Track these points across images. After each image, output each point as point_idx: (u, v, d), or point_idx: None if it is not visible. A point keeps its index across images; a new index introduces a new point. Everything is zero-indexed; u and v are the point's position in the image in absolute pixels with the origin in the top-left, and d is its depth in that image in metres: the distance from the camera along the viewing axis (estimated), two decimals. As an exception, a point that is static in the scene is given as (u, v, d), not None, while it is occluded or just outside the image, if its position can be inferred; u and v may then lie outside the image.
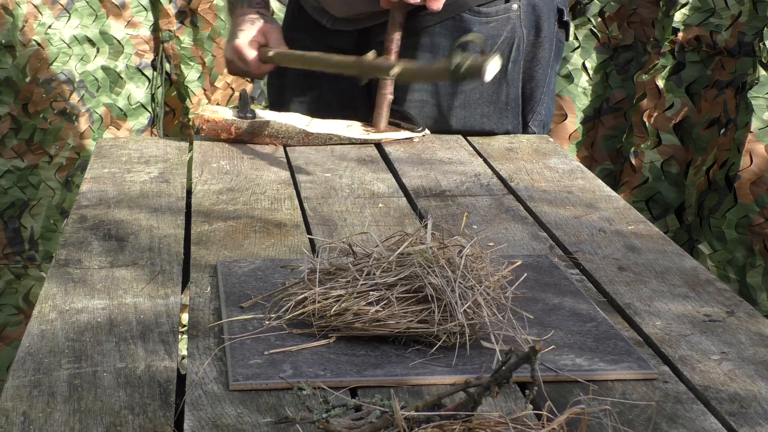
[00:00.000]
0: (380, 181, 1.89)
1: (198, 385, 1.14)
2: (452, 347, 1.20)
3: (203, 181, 1.86)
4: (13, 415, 1.08)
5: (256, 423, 1.07)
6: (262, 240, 1.58)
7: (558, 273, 1.45)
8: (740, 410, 1.12)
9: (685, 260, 1.53)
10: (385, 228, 1.63)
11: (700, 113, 2.97)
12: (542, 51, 2.17)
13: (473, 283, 1.22)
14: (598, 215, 1.72)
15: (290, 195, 1.80)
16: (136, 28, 3.11)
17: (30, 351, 1.22)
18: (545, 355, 1.20)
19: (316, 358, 1.19)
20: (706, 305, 1.38)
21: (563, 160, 2.03)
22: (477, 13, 2.12)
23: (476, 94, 2.16)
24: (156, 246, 1.55)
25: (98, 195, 1.78)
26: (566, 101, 3.16)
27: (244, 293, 1.35)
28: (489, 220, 1.69)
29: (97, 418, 1.08)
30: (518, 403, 1.12)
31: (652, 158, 3.00)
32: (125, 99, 3.12)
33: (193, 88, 3.13)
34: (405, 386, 1.15)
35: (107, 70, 3.09)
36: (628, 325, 1.33)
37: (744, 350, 1.25)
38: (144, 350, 1.22)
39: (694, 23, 2.96)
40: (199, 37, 3.11)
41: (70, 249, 1.53)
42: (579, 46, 3.14)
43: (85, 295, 1.37)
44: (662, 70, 2.99)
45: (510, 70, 2.15)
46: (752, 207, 2.76)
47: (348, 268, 1.26)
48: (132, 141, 2.17)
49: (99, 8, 3.07)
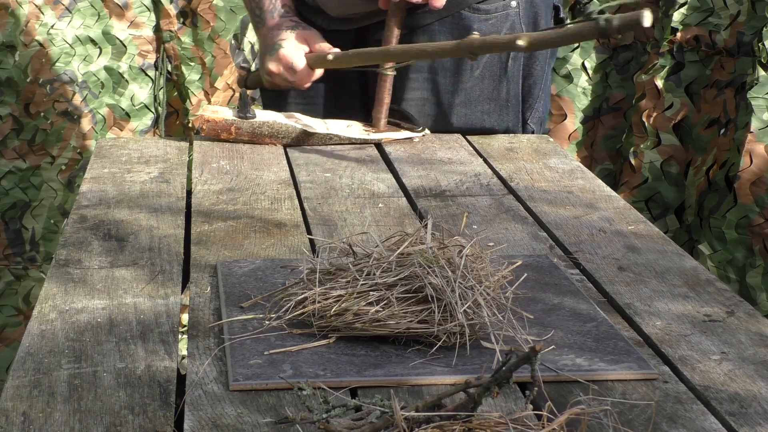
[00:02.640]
0: (380, 181, 1.89)
1: (198, 385, 1.14)
2: (452, 347, 1.20)
3: (203, 181, 1.86)
4: (13, 415, 1.08)
5: (256, 423, 1.07)
6: (262, 240, 1.58)
7: (558, 273, 1.45)
8: (740, 410, 1.12)
9: (685, 260, 1.53)
10: (385, 228, 1.63)
11: (699, 113, 2.97)
12: None
13: (473, 283, 1.22)
14: (598, 215, 1.72)
15: (290, 195, 1.80)
16: (139, 29, 3.11)
17: (30, 351, 1.22)
18: (545, 355, 1.20)
19: (316, 358, 1.19)
20: (706, 305, 1.38)
21: (563, 160, 2.03)
22: (476, 10, 2.12)
23: (476, 91, 2.16)
24: (156, 246, 1.55)
25: (98, 195, 1.78)
26: (566, 101, 3.16)
27: (244, 293, 1.35)
28: (489, 220, 1.69)
29: (97, 418, 1.08)
30: (518, 403, 1.12)
31: (651, 158, 3.00)
32: (128, 100, 3.12)
33: (193, 89, 3.13)
34: (405, 386, 1.15)
35: (110, 71, 3.09)
36: (628, 325, 1.33)
37: (744, 350, 1.25)
38: (144, 350, 1.22)
39: (692, 23, 2.96)
40: (199, 38, 3.11)
41: (70, 249, 1.53)
42: (578, 46, 3.14)
43: (85, 295, 1.37)
44: (661, 70, 2.99)
45: (510, 67, 2.15)
46: (752, 207, 2.76)
47: (348, 268, 1.26)
48: (132, 141, 2.17)
49: (101, 8, 3.07)
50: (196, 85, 3.14)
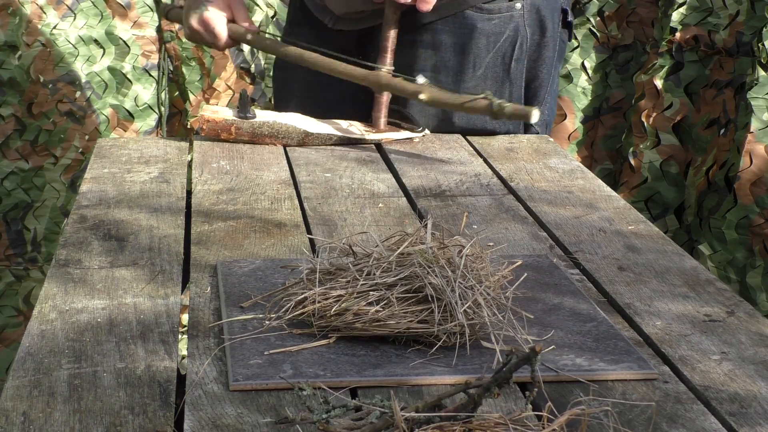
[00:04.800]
0: (380, 181, 1.89)
1: (198, 385, 1.14)
2: (452, 347, 1.20)
3: (203, 181, 1.86)
4: (13, 415, 1.08)
5: (256, 423, 1.07)
6: (262, 240, 1.58)
7: (558, 273, 1.45)
8: (740, 410, 1.12)
9: (685, 260, 1.53)
10: (385, 228, 1.63)
11: (699, 113, 2.97)
12: (547, 51, 2.17)
13: (473, 283, 1.22)
14: (598, 215, 1.72)
15: (290, 195, 1.80)
16: (142, 29, 3.11)
17: (30, 351, 1.22)
18: (545, 355, 1.20)
19: (316, 358, 1.19)
20: (706, 305, 1.38)
21: (563, 160, 2.03)
22: (480, 9, 2.12)
23: (478, 92, 2.15)
24: (156, 246, 1.55)
25: (98, 195, 1.78)
26: (565, 101, 3.16)
27: (244, 293, 1.35)
28: (489, 220, 1.70)
29: (97, 418, 1.08)
30: (518, 403, 1.12)
31: (651, 158, 3.00)
32: (132, 100, 3.11)
33: (192, 89, 3.13)
34: (405, 386, 1.15)
35: (113, 71, 3.09)
36: (628, 325, 1.33)
37: (744, 350, 1.25)
38: (144, 350, 1.22)
39: (691, 23, 2.96)
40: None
41: (70, 249, 1.53)
42: (578, 46, 3.14)
43: (85, 295, 1.37)
44: (660, 69, 2.99)
45: (513, 69, 2.15)
46: (752, 208, 2.76)
47: (348, 268, 1.26)
48: (132, 141, 2.17)
49: (104, 9, 3.07)
50: (196, 86, 3.14)
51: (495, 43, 2.12)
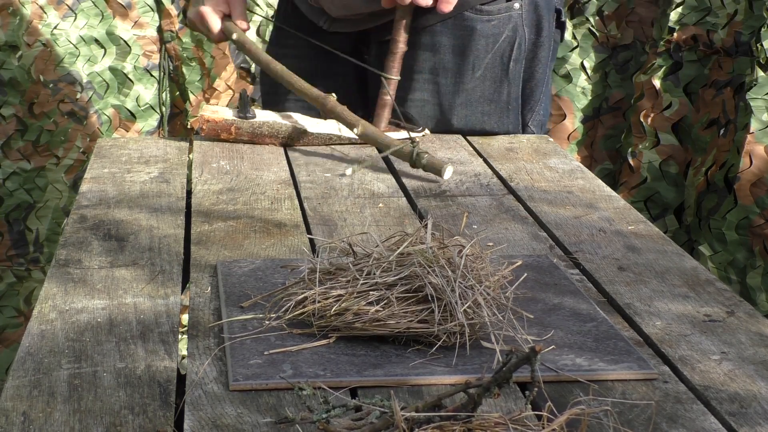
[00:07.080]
0: (380, 181, 1.89)
1: (198, 385, 1.14)
2: (452, 347, 1.20)
3: (203, 181, 1.86)
4: (13, 415, 1.08)
5: (256, 423, 1.07)
6: (262, 240, 1.58)
7: (558, 273, 1.45)
8: (740, 410, 1.12)
9: (685, 260, 1.53)
10: (385, 228, 1.63)
11: (698, 113, 2.97)
12: (542, 51, 2.18)
13: (473, 283, 1.22)
14: (598, 215, 1.72)
15: (290, 195, 1.80)
16: (143, 29, 3.11)
17: (30, 351, 1.22)
18: (545, 355, 1.20)
19: (316, 358, 1.19)
20: (706, 305, 1.38)
21: (563, 160, 2.03)
22: (479, 11, 2.12)
23: (477, 93, 2.16)
24: (156, 246, 1.55)
25: (98, 195, 1.78)
26: (565, 101, 3.16)
27: (244, 293, 1.35)
28: (489, 220, 1.70)
29: (97, 418, 1.08)
30: (518, 403, 1.12)
31: (650, 158, 3.00)
32: (133, 100, 3.11)
33: (193, 89, 3.13)
34: (405, 386, 1.15)
35: (115, 71, 3.09)
36: (628, 325, 1.33)
37: (744, 350, 1.25)
38: (144, 350, 1.22)
39: (690, 22, 2.96)
40: (199, 38, 3.11)
41: (70, 249, 1.53)
42: (577, 46, 3.14)
43: (85, 295, 1.37)
44: (659, 69, 2.99)
45: (511, 69, 2.15)
46: (752, 208, 2.76)
47: (348, 268, 1.26)
48: (132, 141, 2.17)
49: (105, 8, 3.07)
50: (196, 86, 3.14)
51: (494, 44, 2.13)
